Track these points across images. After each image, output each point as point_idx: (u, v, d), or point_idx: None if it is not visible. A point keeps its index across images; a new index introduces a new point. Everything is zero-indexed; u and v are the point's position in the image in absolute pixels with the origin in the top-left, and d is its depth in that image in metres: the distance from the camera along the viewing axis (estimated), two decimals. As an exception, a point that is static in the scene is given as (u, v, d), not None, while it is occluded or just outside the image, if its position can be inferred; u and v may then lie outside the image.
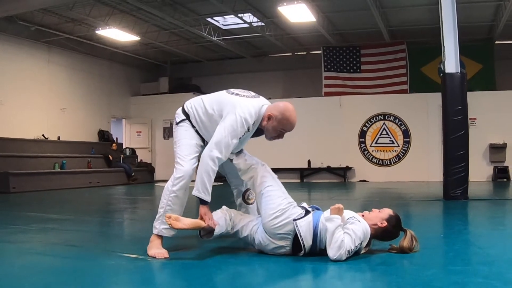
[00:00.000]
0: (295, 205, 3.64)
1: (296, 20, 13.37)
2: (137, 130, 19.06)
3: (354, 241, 3.33)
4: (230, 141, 3.64)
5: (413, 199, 8.98)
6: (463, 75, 8.25)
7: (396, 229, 3.59)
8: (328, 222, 3.38)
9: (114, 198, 10.74)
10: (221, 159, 3.66)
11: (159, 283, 3.18)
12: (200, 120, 3.86)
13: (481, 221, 6.35)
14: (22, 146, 13.57)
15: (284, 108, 3.73)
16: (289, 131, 3.79)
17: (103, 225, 6.30)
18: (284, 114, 3.70)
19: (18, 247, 4.30)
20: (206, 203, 3.65)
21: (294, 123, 3.75)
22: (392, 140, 16.05)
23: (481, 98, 13.98)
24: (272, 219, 3.54)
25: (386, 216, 3.56)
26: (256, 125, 3.76)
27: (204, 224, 3.61)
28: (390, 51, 16.29)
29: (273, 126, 3.73)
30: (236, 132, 3.65)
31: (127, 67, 18.74)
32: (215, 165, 3.65)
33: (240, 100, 3.76)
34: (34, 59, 14.58)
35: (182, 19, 13.72)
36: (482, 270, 3.11)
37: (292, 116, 3.73)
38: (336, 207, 3.43)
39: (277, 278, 3.17)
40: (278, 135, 3.81)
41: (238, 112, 3.66)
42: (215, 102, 3.84)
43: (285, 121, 3.71)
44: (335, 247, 3.28)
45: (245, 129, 3.68)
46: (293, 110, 3.74)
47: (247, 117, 3.67)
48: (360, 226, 3.41)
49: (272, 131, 3.76)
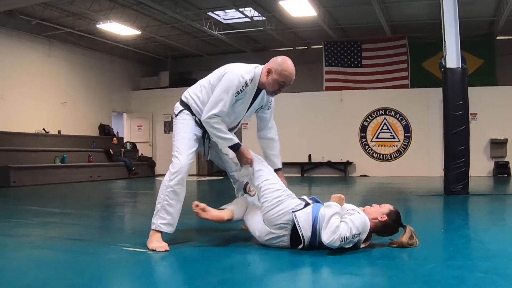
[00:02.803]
0: (293, 197, 3.67)
1: (297, 14, 13.34)
2: (138, 124, 19.07)
3: (350, 229, 3.32)
4: (224, 96, 3.73)
5: (414, 194, 8.98)
6: (464, 70, 8.24)
7: (396, 224, 3.60)
8: (327, 208, 3.44)
9: (115, 192, 10.75)
10: (218, 114, 3.72)
11: (160, 276, 3.19)
12: (201, 103, 3.90)
13: (481, 216, 6.35)
14: (22, 140, 13.57)
15: (282, 60, 3.80)
16: (289, 83, 3.82)
17: (104, 219, 6.30)
18: (283, 66, 3.77)
19: (19, 240, 4.31)
20: (238, 145, 3.80)
21: (293, 74, 3.81)
22: (393, 135, 16.04)
23: (482, 94, 13.96)
24: (270, 210, 3.58)
25: (386, 211, 3.57)
26: (255, 83, 3.82)
27: (226, 218, 3.78)
28: (391, 46, 16.24)
29: (274, 79, 3.78)
30: (232, 87, 3.73)
31: (127, 61, 18.72)
32: (215, 122, 3.74)
33: (234, 64, 3.90)
34: (34, 53, 14.57)
35: (183, 13, 13.68)
36: (482, 265, 3.11)
37: (291, 68, 3.79)
38: (337, 195, 3.52)
39: (276, 271, 3.18)
40: (279, 88, 3.84)
41: (233, 71, 3.79)
42: (211, 76, 3.94)
43: (285, 73, 3.76)
44: (330, 231, 3.30)
45: (242, 83, 3.74)
46: (291, 62, 3.81)
47: (243, 73, 3.77)
48: (359, 217, 3.41)
49: (273, 84, 3.80)
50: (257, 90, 3.89)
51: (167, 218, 3.73)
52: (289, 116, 16.09)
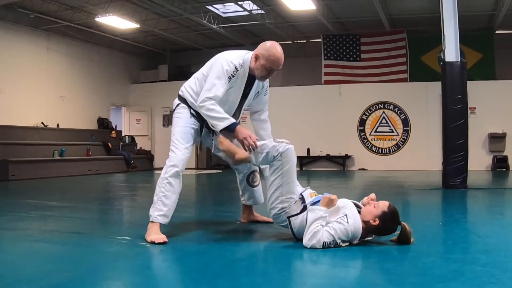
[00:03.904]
0: (296, 200, 3.67)
1: (296, 8, 13.31)
2: (137, 118, 19.06)
3: (332, 236, 3.33)
4: (217, 82, 3.75)
5: (412, 188, 8.99)
6: (463, 64, 8.23)
7: (390, 225, 3.48)
8: (310, 212, 3.43)
9: (113, 185, 10.74)
10: (210, 96, 3.73)
11: (158, 269, 3.19)
12: (195, 94, 3.93)
13: (479, 210, 6.37)
14: (21, 133, 13.55)
15: (270, 45, 3.83)
16: (277, 68, 3.84)
17: (102, 212, 6.31)
18: (270, 51, 3.79)
19: (17, 234, 4.31)
20: (235, 125, 3.75)
21: (280, 60, 3.83)
22: (392, 129, 16.05)
23: (481, 88, 13.96)
24: (271, 209, 3.72)
25: (379, 213, 3.43)
26: (246, 69, 3.86)
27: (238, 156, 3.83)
28: (390, 40, 16.22)
29: (261, 65, 3.81)
30: (222, 72, 3.77)
31: (126, 55, 18.69)
32: (210, 104, 3.73)
33: (224, 52, 3.96)
34: (33, 47, 14.53)
35: (181, 7, 13.66)
36: (481, 259, 3.12)
37: (279, 53, 3.81)
38: (327, 198, 3.45)
39: (275, 264, 3.18)
40: (267, 74, 3.88)
41: (223, 57, 3.85)
42: (204, 67, 4.00)
43: (272, 58, 3.79)
44: (309, 236, 3.35)
45: (232, 68, 3.79)
46: (279, 47, 3.83)
47: (233, 59, 3.83)
48: (347, 228, 3.36)
49: (261, 70, 3.84)
50: (250, 77, 3.92)
51: (163, 210, 3.77)
52: (287, 110, 16.12)
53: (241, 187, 4.47)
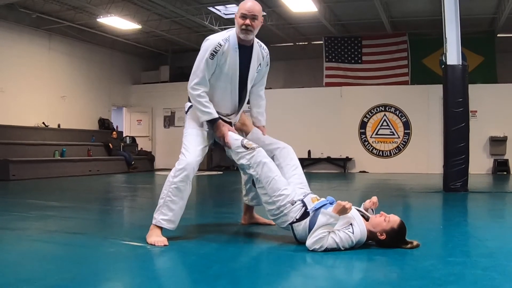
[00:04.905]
0: (294, 202, 3.65)
1: (298, 10, 13.30)
2: (138, 119, 19.07)
3: (336, 244, 3.32)
4: (200, 63, 3.81)
5: (413, 191, 8.98)
6: (465, 67, 8.23)
7: (394, 244, 3.44)
8: (322, 215, 3.37)
9: (114, 186, 10.75)
10: (199, 82, 3.79)
11: (158, 270, 3.19)
12: None
13: (480, 214, 6.36)
14: (22, 133, 13.55)
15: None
16: (247, 11, 3.87)
17: (103, 212, 6.31)
18: (240, 5, 3.92)
19: (18, 234, 4.31)
20: (216, 119, 3.80)
21: (247, 2, 3.90)
22: (393, 132, 16.04)
23: (482, 91, 13.94)
24: (268, 210, 3.72)
25: (388, 228, 3.40)
26: (233, 41, 3.92)
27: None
28: (392, 42, 16.22)
29: (236, 18, 3.92)
30: (204, 52, 3.82)
31: (128, 56, 18.69)
32: (197, 95, 3.78)
33: None
34: (35, 47, 14.54)
35: (183, 8, 13.67)
36: (481, 262, 3.12)
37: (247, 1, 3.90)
38: (342, 206, 3.33)
39: (275, 266, 3.17)
40: (243, 23, 3.89)
41: (207, 38, 3.94)
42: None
43: (240, 5, 3.90)
44: (313, 240, 3.33)
45: (214, 44, 3.84)
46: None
47: (214, 37, 3.93)
48: (352, 237, 3.35)
49: (238, 23, 3.92)
50: (244, 48, 3.96)
51: (168, 215, 3.72)
52: (288, 112, 16.11)
53: (246, 187, 4.43)
